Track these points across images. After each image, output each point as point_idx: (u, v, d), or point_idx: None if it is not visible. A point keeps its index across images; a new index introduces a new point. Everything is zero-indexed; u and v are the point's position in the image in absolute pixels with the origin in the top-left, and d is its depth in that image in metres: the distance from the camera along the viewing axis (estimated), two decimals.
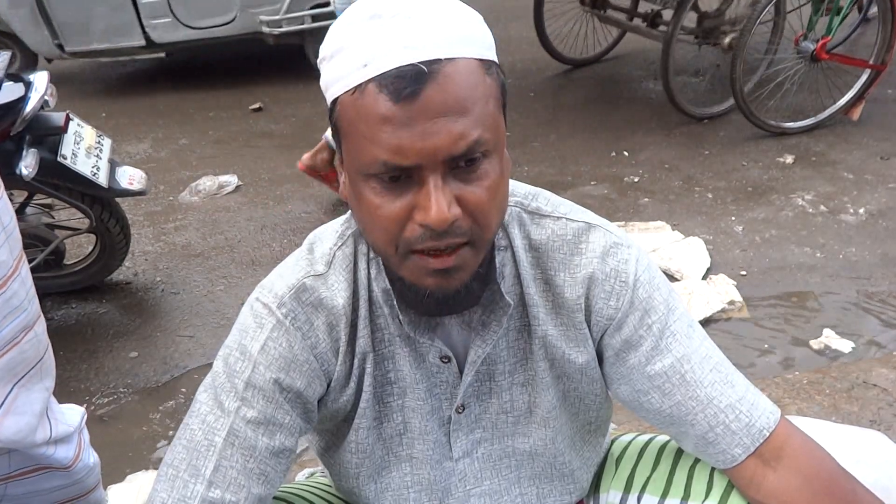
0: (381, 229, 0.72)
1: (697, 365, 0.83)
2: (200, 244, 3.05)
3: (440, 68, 0.67)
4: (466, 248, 0.72)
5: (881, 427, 1.77)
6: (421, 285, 0.74)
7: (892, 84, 3.90)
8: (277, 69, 5.12)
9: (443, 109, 0.66)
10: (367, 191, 0.71)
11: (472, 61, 0.69)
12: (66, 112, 2.30)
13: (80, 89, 4.99)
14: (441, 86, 0.67)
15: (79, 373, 2.37)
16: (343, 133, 0.73)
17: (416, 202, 0.69)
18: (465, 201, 0.70)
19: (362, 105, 0.68)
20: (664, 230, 2.89)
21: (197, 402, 0.83)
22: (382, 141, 0.67)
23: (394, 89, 0.66)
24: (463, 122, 0.67)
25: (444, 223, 0.68)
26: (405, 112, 0.66)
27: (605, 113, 4.00)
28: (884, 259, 2.63)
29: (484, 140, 0.69)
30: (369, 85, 0.68)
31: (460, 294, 0.76)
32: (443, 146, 0.67)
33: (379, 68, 0.67)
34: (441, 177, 0.68)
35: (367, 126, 0.68)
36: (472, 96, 0.68)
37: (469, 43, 0.70)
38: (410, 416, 0.88)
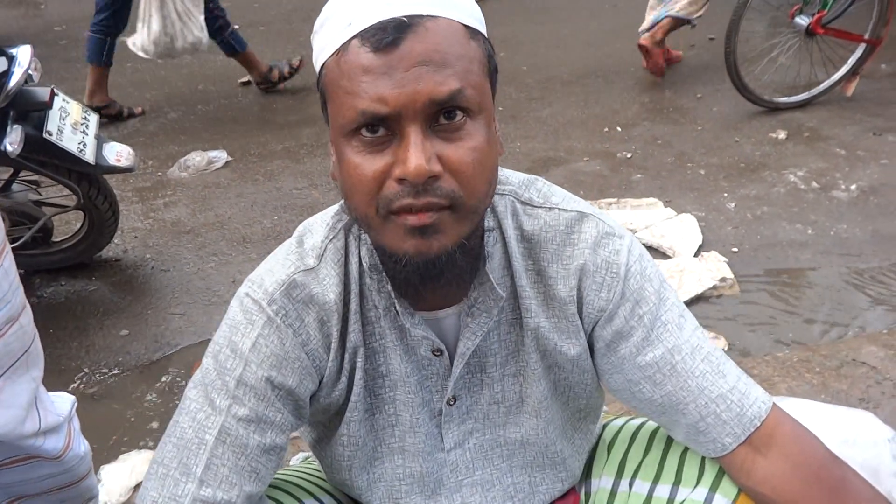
0: (360, 189, 0.71)
1: (688, 355, 0.83)
2: (190, 221, 3.03)
3: (422, 21, 0.68)
4: (447, 212, 0.70)
5: (870, 405, 1.79)
6: (401, 251, 0.72)
7: (886, 59, 3.88)
8: (265, 40, 5.04)
9: (422, 59, 0.67)
10: (348, 151, 0.71)
11: (456, 23, 0.70)
12: (50, 87, 2.26)
13: (65, 63, 4.90)
14: (422, 37, 0.67)
15: (69, 350, 2.36)
16: (328, 96, 0.73)
17: (396, 157, 0.68)
18: (447, 160, 0.69)
19: (345, 61, 0.69)
20: (656, 207, 2.88)
21: (187, 398, 0.82)
22: (362, 91, 0.67)
23: (374, 40, 0.67)
24: (443, 72, 0.67)
25: (422, 175, 0.67)
26: (385, 61, 0.67)
27: (598, 88, 3.97)
28: (875, 236, 2.64)
29: (467, 94, 0.69)
30: (352, 41, 0.69)
31: (441, 261, 0.72)
32: (421, 92, 0.66)
33: (361, 24, 0.68)
34: (422, 131, 0.68)
35: (349, 80, 0.68)
36: (455, 52, 0.69)
37: (454, 7, 0.70)
38: (402, 408, 0.87)
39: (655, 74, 3.91)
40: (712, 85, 3.86)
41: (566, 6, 5.23)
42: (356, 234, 0.84)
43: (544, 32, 4.75)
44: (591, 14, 5.04)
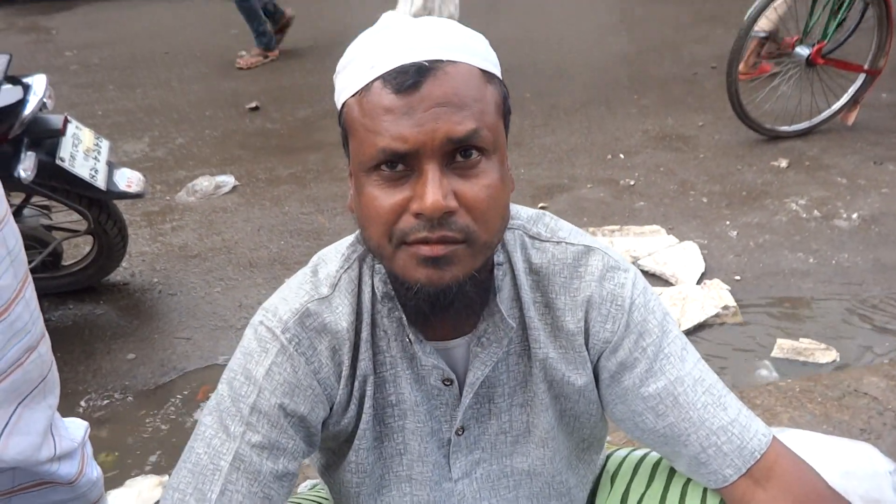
0: (377, 221, 0.73)
1: (690, 387, 0.85)
2: (197, 245, 3.06)
3: (442, 66, 0.71)
4: (461, 246, 0.73)
5: (871, 436, 1.80)
6: (412, 278, 0.74)
7: (886, 89, 3.92)
8: (273, 67, 5.12)
9: (441, 101, 0.70)
10: (368, 185, 0.74)
11: (474, 68, 0.74)
12: (64, 115, 2.30)
13: (76, 88, 4.98)
14: (441, 80, 0.71)
15: (76, 374, 2.37)
16: (349, 133, 0.76)
17: (414, 192, 0.71)
18: (462, 196, 0.72)
19: (367, 101, 0.72)
20: (659, 234, 2.91)
21: (202, 425, 0.84)
22: (383, 130, 0.70)
23: (396, 83, 0.70)
24: (462, 113, 0.71)
25: (439, 210, 0.70)
26: (406, 102, 0.70)
27: (601, 116, 4.01)
28: (876, 265, 2.66)
29: (482, 134, 0.72)
30: (374, 83, 0.72)
31: (452, 291, 0.74)
32: (439, 130, 0.70)
33: (384, 67, 0.72)
34: (439, 169, 0.71)
35: (371, 119, 0.71)
36: (472, 95, 0.72)
37: (472, 53, 0.74)
38: (410, 437, 0.89)
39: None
40: (714, 113, 3.91)
41: (569, 36, 5.31)
42: (370, 264, 0.87)
43: (548, 61, 4.82)
44: (593, 43, 5.11)
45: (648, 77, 4.47)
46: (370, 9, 6.23)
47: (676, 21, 5.36)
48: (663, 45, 4.95)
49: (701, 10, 5.53)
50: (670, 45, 4.93)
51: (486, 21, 5.71)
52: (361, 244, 0.87)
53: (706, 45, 4.86)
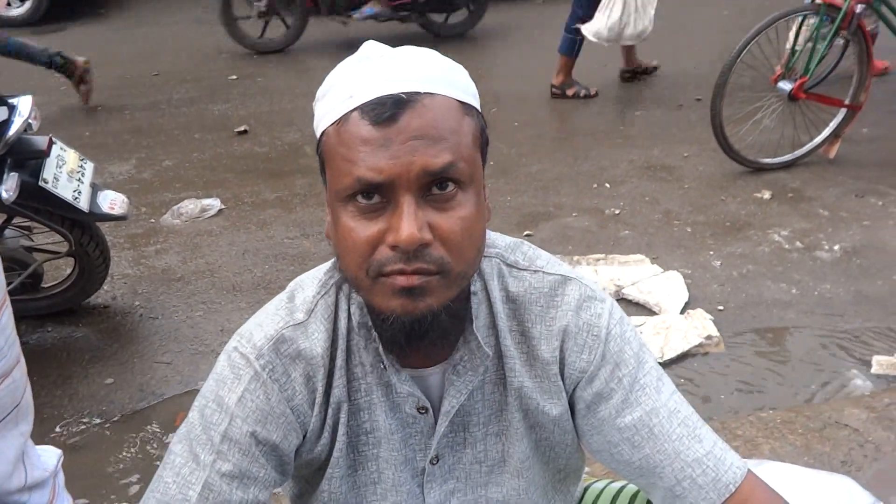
0: (353, 252, 0.74)
1: (665, 419, 0.85)
2: (181, 268, 3.04)
3: (419, 98, 0.72)
4: (436, 277, 0.73)
5: (852, 468, 1.79)
6: (388, 309, 0.74)
7: (867, 123, 3.99)
8: (263, 92, 5.14)
9: (418, 133, 0.70)
10: (344, 216, 0.74)
11: (452, 100, 0.74)
12: (49, 136, 2.30)
13: (64, 109, 4.97)
14: (419, 113, 0.71)
15: (52, 399, 2.34)
16: (326, 161, 0.76)
17: (389, 225, 0.72)
18: (438, 229, 0.72)
19: (345, 131, 0.72)
20: (644, 263, 2.92)
21: (171, 453, 0.83)
22: (360, 160, 0.71)
23: (374, 114, 0.71)
24: (437, 146, 0.71)
25: (414, 243, 0.70)
26: (383, 133, 0.70)
27: (587, 145, 4.05)
28: (857, 297, 2.68)
29: (458, 167, 0.72)
30: (353, 113, 0.72)
31: (427, 321, 0.74)
32: (416, 163, 0.70)
33: (362, 98, 0.72)
34: (415, 201, 0.71)
35: (347, 149, 0.72)
36: (449, 127, 0.72)
37: (450, 85, 0.75)
38: (384, 466, 0.88)
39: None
40: (699, 145, 3.95)
41: (555, 66, 5.37)
42: (347, 291, 0.86)
43: (534, 90, 4.86)
44: (580, 74, 5.17)
45: (634, 108, 4.53)
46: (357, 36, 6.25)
47: (661, 54, 5.44)
48: (649, 76, 5.02)
49: (685, 44, 5.63)
50: (656, 77, 5.00)
51: (477, 48, 5.78)
52: (339, 271, 0.87)
53: (691, 77, 4.93)
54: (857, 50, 3.46)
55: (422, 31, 6.00)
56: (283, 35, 5.89)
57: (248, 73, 5.53)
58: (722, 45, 5.22)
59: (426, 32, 5.99)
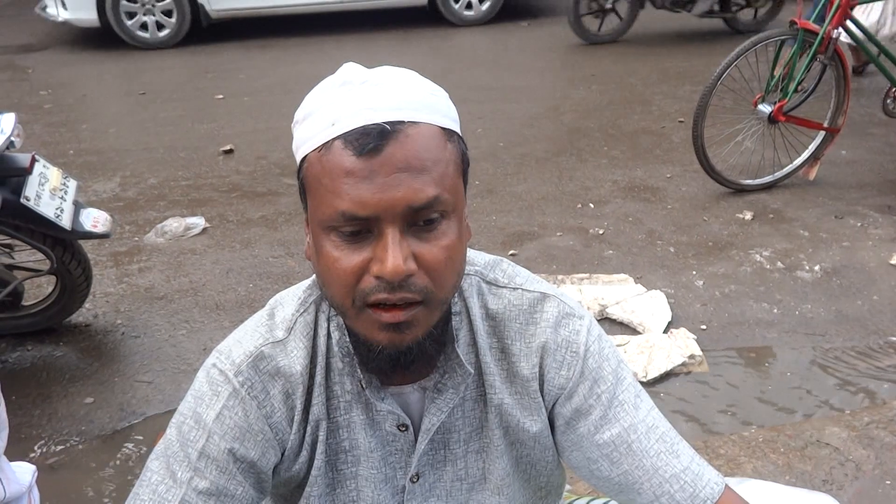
0: (338, 282, 0.73)
1: (644, 435, 0.85)
2: (164, 287, 3.02)
3: (403, 128, 0.71)
4: (420, 307, 0.74)
5: (833, 487, 1.80)
6: (373, 340, 0.75)
7: (846, 146, 4.06)
8: (249, 111, 5.15)
9: (403, 166, 0.70)
10: (327, 244, 0.73)
11: (435, 127, 0.74)
12: (32, 153, 2.29)
13: (49, 127, 4.95)
14: (402, 144, 0.70)
15: (31, 419, 2.30)
16: (308, 188, 0.76)
17: (374, 254, 0.71)
18: (422, 259, 0.72)
19: (328, 160, 0.72)
20: (627, 283, 2.94)
21: (148, 470, 0.82)
22: (343, 192, 0.70)
23: (358, 145, 0.70)
24: (422, 178, 0.71)
25: (399, 275, 0.70)
26: (367, 165, 0.69)
27: (571, 166, 4.09)
28: (838, 316, 2.71)
29: (443, 199, 0.72)
30: (335, 142, 0.71)
31: (412, 351, 0.76)
32: (401, 198, 0.70)
33: (345, 126, 0.71)
34: (399, 231, 0.71)
35: (331, 179, 0.71)
36: (433, 157, 0.72)
37: (433, 111, 0.74)
38: (363, 484, 0.88)
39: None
40: (681, 166, 4.00)
41: (541, 86, 5.43)
42: (326, 309, 0.87)
43: (520, 110, 4.91)
44: (565, 94, 5.24)
45: (618, 129, 4.58)
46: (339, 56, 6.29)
47: (646, 76, 5.52)
48: (633, 98, 5.09)
49: (669, 67, 5.71)
50: (640, 99, 5.07)
51: (463, 69, 5.83)
52: (318, 289, 0.87)
53: (674, 100, 5.00)
54: (834, 74, 3.53)
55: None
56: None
57: (233, 92, 5.55)
58: (702, 67, 5.31)
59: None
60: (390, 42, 6.82)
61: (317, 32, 7.14)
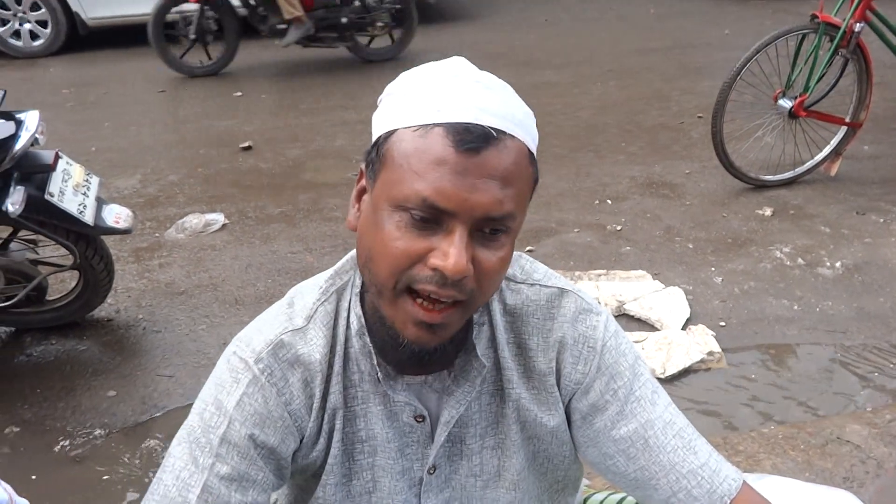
0: (390, 261, 0.73)
1: (661, 430, 0.85)
2: (184, 282, 3.05)
3: (504, 138, 0.72)
4: (458, 308, 0.75)
5: (854, 484, 1.79)
6: (402, 333, 0.76)
7: (868, 141, 4.01)
8: (268, 108, 5.18)
9: (494, 173, 0.71)
10: (390, 222, 0.73)
11: (526, 147, 0.75)
12: (55, 150, 2.32)
13: (71, 125, 5.02)
14: (500, 153, 0.71)
15: (55, 411, 2.34)
16: (389, 162, 0.74)
17: (438, 246, 0.72)
18: (479, 264, 0.74)
19: (423, 143, 0.71)
20: (645, 279, 2.93)
21: (171, 456, 0.84)
22: (431, 179, 0.70)
23: (460, 139, 0.70)
24: (506, 191, 0.72)
25: (459, 274, 0.71)
26: (462, 161, 0.70)
27: (589, 162, 4.07)
28: (859, 313, 2.68)
29: (515, 216, 0.74)
30: (437, 128, 0.71)
31: (435, 353, 0.78)
32: (484, 204, 0.71)
33: (451, 117, 0.71)
34: (468, 232, 0.72)
35: (421, 162, 0.71)
36: (520, 175, 0.73)
37: (527, 132, 0.76)
38: (380, 474, 0.89)
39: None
40: (700, 162, 3.97)
41: (559, 83, 5.42)
42: (347, 299, 0.87)
43: (538, 106, 4.88)
44: (583, 90, 5.22)
45: (636, 125, 4.55)
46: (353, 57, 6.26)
47: (664, 72, 5.48)
48: (651, 94, 5.06)
49: (688, 62, 5.67)
50: (658, 95, 5.03)
51: (483, 65, 5.83)
52: (341, 278, 0.88)
53: (693, 95, 4.96)
54: (856, 68, 3.48)
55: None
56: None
57: (252, 89, 5.58)
58: (722, 62, 5.27)
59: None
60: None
61: None
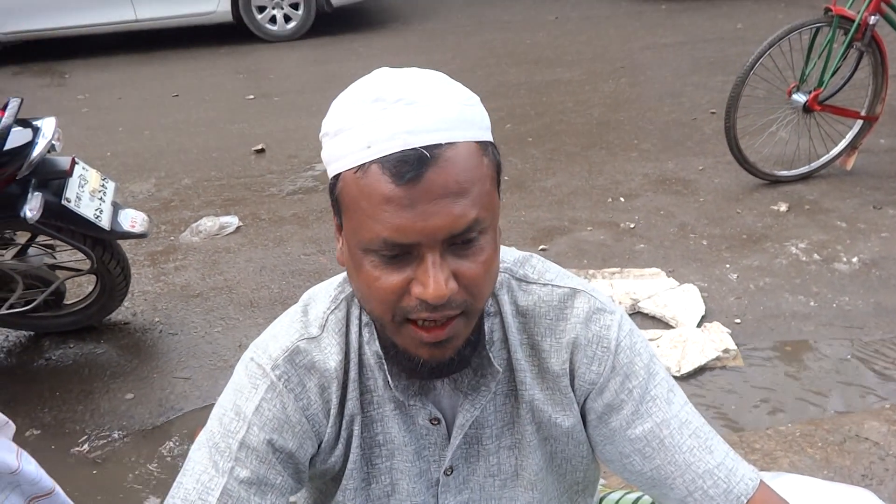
0: (378, 300, 0.75)
1: (676, 430, 0.85)
2: (199, 285, 3.08)
3: (441, 153, 0.70)
4: (460, 318, 0.76)
5: (873, 482, 1.77)
6: (415, 354, 0.78)
7: (884, 134, 3.96)
8: (280, 111, 5.21)
9: (443, 192, 0.69)
10: (366, 264, 0.74)
11: (471, 144, 0.72)
12: (72, 156, 2.35)
13: (87, 131, 5.07)
14: (442, 169, 0.69)
15: (74, 414, 2.37)
16: (345, 208, 0.75)
17: (415, 276, 0.72)
18: (462, 276, 0.73)
19: (365, 184, 0.70)
20: (659, 277, 2.91)
21: (191, 460, 0.85)
22: (384, 220, 0.69)
23: (396, 172, 0.69)
24: (462, 202, 0.70)
25: (442, 299, 0.71)
26: (407, 194, 0.69)
27: (601, 159, 4.06)
28: (877, 309, 2.65)
29: (481, 219, 0.72)
30: (372, 166, 0.70)
31: (454, 361, 0.80)
32: (443, 226, 0.70)
33: (382, 150, 0.70)
34: (439, 254, 0.71)
35: (369, 204, 0.70)
36: (471, 178, 0.71)
37: (468, 126, 0.73)
38: (399, 477, 0.89)
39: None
40: (714, 157, 3.94)
41: (570, 80, 5.40)
42: (358, 306, 0.88)
43: (549, 104, 4.89)
44: (594, 87, 5.20)
45: (649, 121, 4.53)
46: (368, 59, 6.29)
47: (676, 67, 5.45)
48: (663, 90, 5.03)
49: (700, 57, 5.63)
50: (670, 91, 5.00)
51: (492, 65, 5.82)
52: (350, 286, 0.89)
53: (705, 90, 4.93)
54: (871, 61, 3.44)
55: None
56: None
57: (264, 92, 5.61)
58: (734, 57, 5.23)
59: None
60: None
61: (349, 30, 7.18)
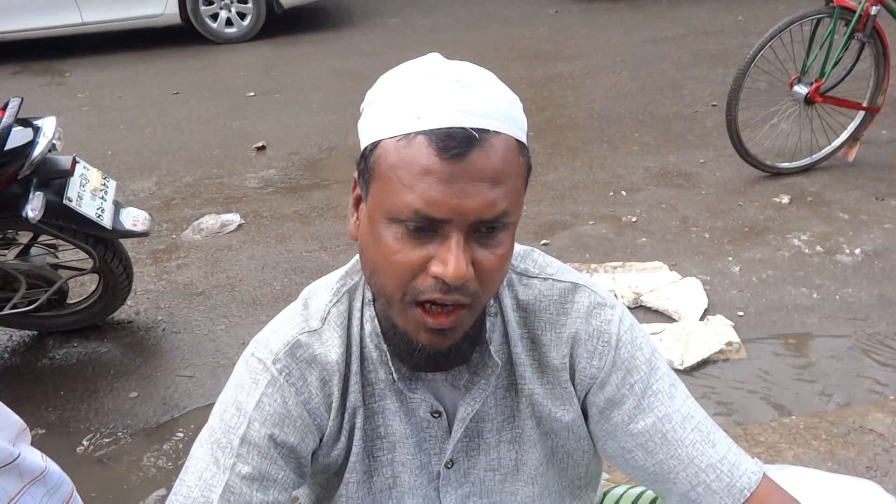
0: (394, 274, 0.74)
1: (679, 424, 0.85)
2: (202, 283, 3.08)
3: (488, 138, 0.71)
4: (465, 309, 0.75)
5: (877, 474, 1.77)
6: (415, 339, 0.77)
7: (886, 125, 3.95)
8: (281, 108, 5.20)
9: (482, 175, 0.70)
10: (387, 234, 0.73)
11: (513, 139, 0.74)
12: (73, 155, 2.35)
13: (87, 129, 5.07)
14: (485, 153, 0.70)
15: (78, 413, 2.38)
16: (378, 175, 0.74)
17: (436, 255, 0.72)
18: (480, 265, 0.73)
19: (407, 153, 0.71)
20: (662, 270, 2.91)
21: (193, 457, 0.85)
22: (420, 190, 0.70)
23: (443, 146, 0.69)
24: (497, 191, 0.71)
25: (460, 280, 0.71)
26: (448, 169, 0.69)
27: (602, 153, 4.05)
28: (880, 300, 2.65)
29: (509, 212, 0.73)
30: (419, 136, 0.70)
31: (451, 353, 0.80)
32: (475, 208, 0.70)
33: (432, 123, 0.70)
34: (464, 237, 0.71)
35: (408, 173, 0.70)
36: (509, 170, 0.72)
37: (513, 122, 0.74)
38: (400, 470, 0.89)
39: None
40: (715, 150, 3.94)
41: (571, 74, 5.39)
42: (360, 299, 0.88)
43: (550, 98, 4.88)
44: (595, 81, 5.19)
45: (650, 115, 4.52)
46: (376, 58, 6.30)
47: (677, 60, 5.44)
48: (664, 83, 5.01)
49: (701, 50, 5.61)
50: (671, 84, 4.99)
51: (493, 59, 5.81)
52: (351, 278, 0.89)
53: (706, 83, 4.92)
54: (873, 52, 3.43)
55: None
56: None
57: (264, 89, 5.61)
58: (735, 49, 5.21)
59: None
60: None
61: (346, 27, 7.17)
